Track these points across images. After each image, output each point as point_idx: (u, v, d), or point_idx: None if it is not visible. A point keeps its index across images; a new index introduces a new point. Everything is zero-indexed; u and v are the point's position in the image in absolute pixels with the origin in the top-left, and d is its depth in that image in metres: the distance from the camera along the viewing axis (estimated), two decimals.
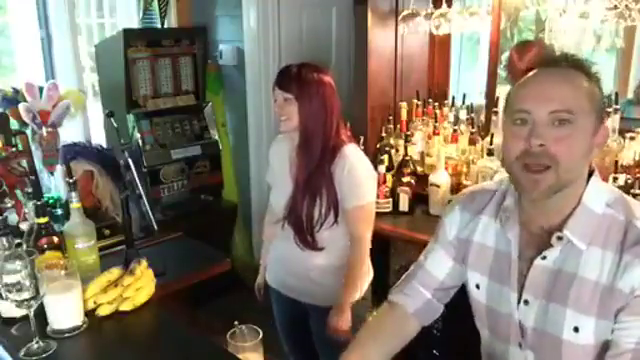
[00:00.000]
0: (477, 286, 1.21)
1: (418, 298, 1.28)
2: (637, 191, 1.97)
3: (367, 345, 1.24)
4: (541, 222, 1.10)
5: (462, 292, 1.34)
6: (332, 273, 1.89)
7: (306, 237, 1.87)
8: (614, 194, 1.08)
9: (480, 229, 1.20)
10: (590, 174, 1.08)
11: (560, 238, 1.05)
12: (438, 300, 1.29)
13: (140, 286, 1.53)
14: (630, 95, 2.53)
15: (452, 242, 1.25)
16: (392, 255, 2.40)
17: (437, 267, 1.28)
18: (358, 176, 1.81)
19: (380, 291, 1.90)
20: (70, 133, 3.18)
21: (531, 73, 1.05)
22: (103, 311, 1.46)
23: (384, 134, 2.78)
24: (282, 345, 2.15)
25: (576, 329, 1.03)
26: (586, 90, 1.01)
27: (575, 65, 1.03)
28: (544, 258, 1.07)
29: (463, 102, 2.85)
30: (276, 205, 1.96)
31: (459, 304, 1.35)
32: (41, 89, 3.04)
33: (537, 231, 1.10)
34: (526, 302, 1.10)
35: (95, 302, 1.47)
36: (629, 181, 2.03)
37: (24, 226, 1.98)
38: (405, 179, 2.51)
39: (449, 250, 1.26)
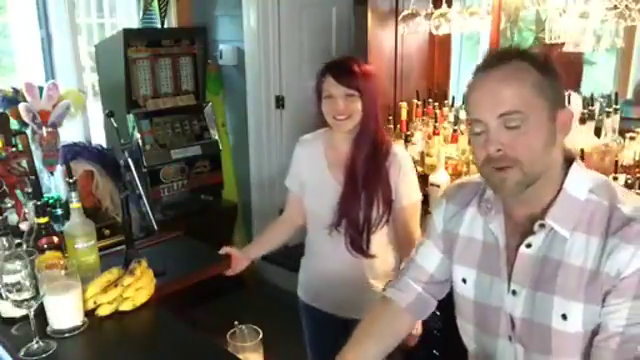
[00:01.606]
0: (464, 280, 1.20)
1: (410, 293, 1.29)
2: (638, 191, 1.98)
3: (363, 342, 1.24)
4: (523, 211, 1.10)
5: None
6: (385, 278, 1.79)
7: (361, 242, 1.75)
8: (597, 180, 1.08)
9: (466, 222, 1.21)
10: (571, 162, 1.08)
11: (542, 225, 1.05)
12: (430, 294, 1.30)
13: (140, 286, 1.53)
14: (630, 95, 2.53)
15: (440, 235, 1.26)
16: None
17: (427, 260, 1.29)
18: (411, 173, 1.78)
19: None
20: (70, 133, 3.19)
21: (477, 75, 1.05)
22: (103, 311, 1.46)
23: None
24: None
25: (564, 316, 1.03)
26: (533, 82, 1.00)
27: (522, 58, 1.02)
28: (529, 246, 1.08)
29: (463, 102, 2.84)
30: (319, 212, 1.81)
31: None
32: (41, 89, 3.05)
33: (520, 220, 1.11)
34: (514, 292, 1.10)
35: (95, 302, 1.47)
36: (629, 181, 2.03)
37: (24, 226, 1.98)
38: None
39: (438, 243, 1.27)
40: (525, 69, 1.00)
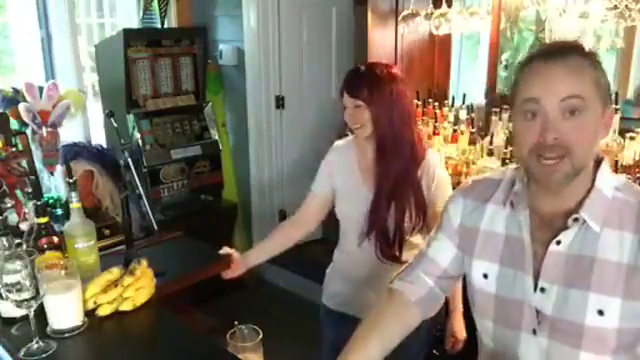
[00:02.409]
0: (485, 275, 1.19)
1: (421, 286, 1.27)
2: None
3: (369, 337, 1.21)
4: (551, 207, 1.10)
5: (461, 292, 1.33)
6: None
7: (391, 251, 1.71)
8: (621, 179, 1.12)
9: (487, 217, 1.19)
10: (599, 161, 1.10)
11: (576, 219, 1.06)
12: (440, 289, 1.29)
13: (140, 286, 1.53)
14: (630, 95, 2.54)
15: (457, 230, 1.24)
16: None
17: (441, 255, 1.27)
18: (444, 179, 1.75)
19: None
20: (70, 133, 3.19)
21: (536, 62, 1.04)
22: (103, 311, 1.46)
23: None
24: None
25: (600, 312, 1.03)
26: (592, 77, 1.02)
27: (581, 54, 1.03)
28: (559, 243, 1.07)
29: (463, 102, 2.85)
30: (350, 219, 1.77)
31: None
32: (41, 89, 3.05)
33: (547, 215, 1.11)
34: (542, 290, 1.09)
35: (95, 302, 1.47)
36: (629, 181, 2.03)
37: (24, 226, 1.98)
38: None
39: (453, 238, 1.25)
40: (586, 65, 1.02)
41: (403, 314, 1.26)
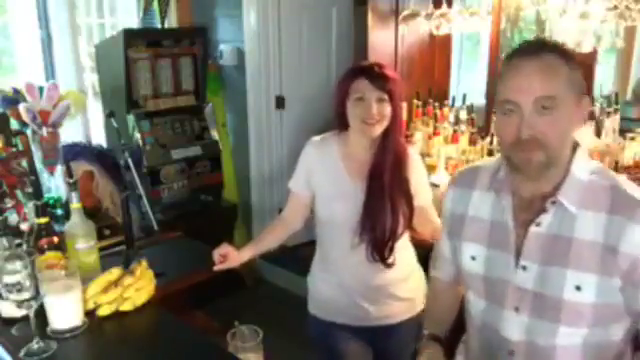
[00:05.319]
0: (473, 258, 1.27)
1: (447, 271, 1.43)
2: None
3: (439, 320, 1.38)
4: (531, 190, 1.18)
5: None
6: (406, 281, 1.77)
7: (384, 250, 1.68)
8: (596, 164, 1.20)
9: (474, 203, 1.29)
10: (574, 147, 1.17)
11: (554, 202, 1.13)
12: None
13: (140, 286, 1.53)
14: (630, 96, 2.54)
15: (448, 219, 1.36)
16: None
17: (446, 255, 1.41)
18: (424, 173, 1.78)
19: None
20: (70, 133, 3.18)
21: (513, 61, 1.11)
22: (103, 311, 1.46)
23: None
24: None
25: (578, 287, 1.11)
26: (565, 75, 1.09)
27: (553, 51, 1.10)
28: (538, 224, 1.15)
29: (463, 102, 2.85)
30: (344, 220, 1.70)
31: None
32: (41, 89, 3.05)
33: (528, 198, 1.19)
34: (524, 268, 1.17)
35: (95, 302, 1.47)
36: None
37: (24, 226, 1.98)
38: None
39: (445, 226, 1.39)
40: (558, 64, 1.09)
41: (451, 293, 1.44)
